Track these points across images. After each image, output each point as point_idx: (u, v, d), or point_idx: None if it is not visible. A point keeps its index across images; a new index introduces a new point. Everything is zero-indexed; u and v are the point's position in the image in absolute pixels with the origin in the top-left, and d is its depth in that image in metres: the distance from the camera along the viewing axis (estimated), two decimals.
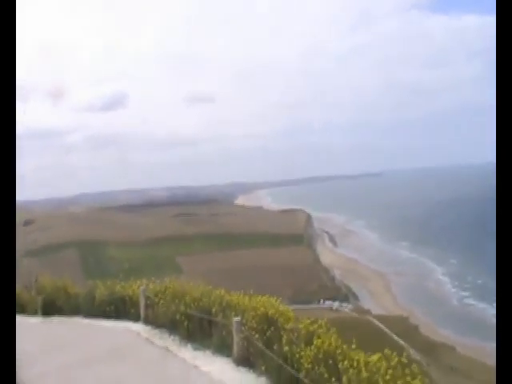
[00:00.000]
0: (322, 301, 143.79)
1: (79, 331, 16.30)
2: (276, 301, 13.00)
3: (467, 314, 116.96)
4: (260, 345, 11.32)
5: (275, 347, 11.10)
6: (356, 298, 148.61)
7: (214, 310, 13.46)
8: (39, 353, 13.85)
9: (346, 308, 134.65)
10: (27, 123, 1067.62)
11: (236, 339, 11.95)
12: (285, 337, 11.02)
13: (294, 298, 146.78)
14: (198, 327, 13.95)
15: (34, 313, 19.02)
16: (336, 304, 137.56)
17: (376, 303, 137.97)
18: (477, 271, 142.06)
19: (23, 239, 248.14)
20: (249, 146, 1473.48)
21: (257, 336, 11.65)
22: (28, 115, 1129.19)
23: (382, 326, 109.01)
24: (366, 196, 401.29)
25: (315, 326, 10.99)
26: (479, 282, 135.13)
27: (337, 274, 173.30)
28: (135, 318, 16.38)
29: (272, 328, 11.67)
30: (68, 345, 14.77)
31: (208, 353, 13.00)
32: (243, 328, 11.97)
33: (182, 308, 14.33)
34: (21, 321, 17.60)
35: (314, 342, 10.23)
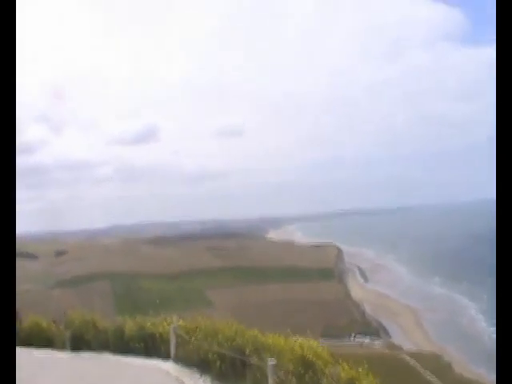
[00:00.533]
0: (352, 336, 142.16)
1: (108, 368, 15.67)
2: (313, 342, 12.56)
3: None
4: None
5: None
6: (387, 333, 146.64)
7: (247, 350, 12.86)
8: None
9: (377, 344, 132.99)
10: (60, 155, 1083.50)
11: (271, 383, 11.21)
12: (325, 382, 10.55)
13: (325, 333, 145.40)
14: (231, 368, 13.23)
15: (62, 347, 18.61)
16: (367, 339, 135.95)
17: (407, 339, 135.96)
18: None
19: (55, 269, 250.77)
20: (278, 180, 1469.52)
21: (294, 380, 11.11)
22: (61, 147, 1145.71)
23: (414, 362, 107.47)
24: (397, 230, 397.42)
25: (355, 371, 10.60)
26: None
27: (367, 308, 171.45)
28: (165, 356, 15.86)
29: (310, 372, 11.19)
30: (96, 381, 14.37)
31: None
32: (279, 371, 11.29)
33: (215, 347, 13.71)
34: (49, 355, 17.79)
35: None
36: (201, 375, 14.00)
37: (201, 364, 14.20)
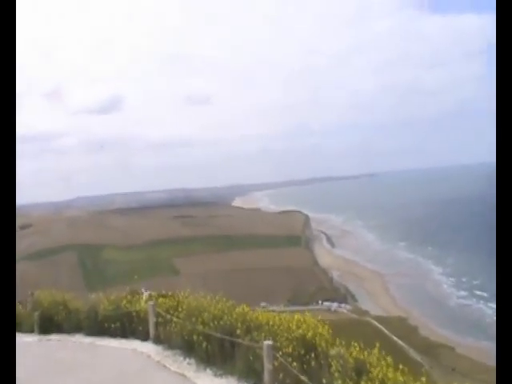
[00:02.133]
0: (320, 302, 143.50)
1: (81, 352, 14.50)
2: (312, 319, 11.51)
3: (465, 315, 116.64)
4: (303, 377, 9.41)
5: (324, 379, 9.26)
6: (354, 299, 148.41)
7: (237, 330, 11.73)
8: (34, 380, 12.19)
9: (345, 309, 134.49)
10: (23, 126, 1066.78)
11: (268, 366, 10.11)
12: (333, 366, 9.34)
13: (293, 299, 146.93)
14: (219, 350, 12.12)
15: (30, 330, 17.55)
16: (334, 305, 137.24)
17: (374, 304, 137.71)
18: (474, 271, 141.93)
19: (20, 243, 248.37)
20: (246, 147, 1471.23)
21: (294, 364, 9.87)
22: (24, 118, 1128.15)
23: (381, 326, 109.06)
24: (364, 197, 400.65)
25: (365, 353, 9.61)
26: (476, 282, 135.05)
27: (335, 275, 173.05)
28: (144, 337, 14.75)
29: (311, 353, 10.06)
30: (68, 369, 12.92)
31: (232, 380, 11.27)
32: (275, 353, 10.15)
33: (200, 327, 12.56)
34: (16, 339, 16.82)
35: (371, 374, 8.80)
36: (185, 358, 12.91)
37: (184, 346, 13.17)
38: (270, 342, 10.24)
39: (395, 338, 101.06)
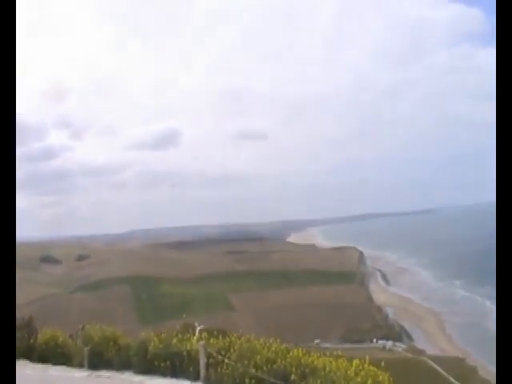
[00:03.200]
0: (374, 340, 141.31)
1: None
2: (371, 367, 10.79)
3: None
4: None
5: None
6: (410, 337, 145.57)
7: (292, 375, 11.22)
8: None
9: (400, 348, 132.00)
10: (81, 160, 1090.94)
11: None
12: None
13: (347, 336, 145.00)
14: None
15: (79, 365, 17.30)
16: (389, 343, 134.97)
17: (431, 343, 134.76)
18: None
19: (77, 273, 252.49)
20: (299, 182, 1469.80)
21: None
22: (82, 153, 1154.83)
23: (437, 367, 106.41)
24: (419, 233, 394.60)
25: None
26: None
27: (390, 312, 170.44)
28: (194, 378, 14.13)
29: None
30: None
31: None
32: None
33: (252, 370, 12.04)
34: (65, 374, 16.61)
35: None
36: None
37: None
38: None
39: (452, 380, 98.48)
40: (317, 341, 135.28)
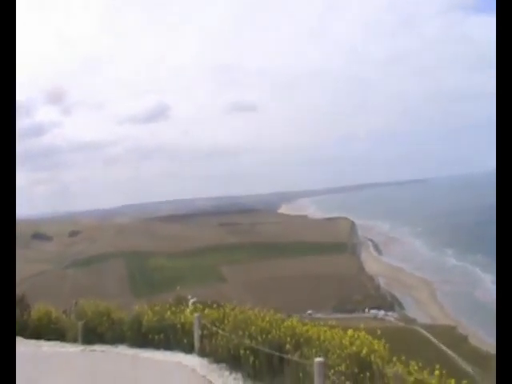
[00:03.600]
0: (366, 310, 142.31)
1: (124, 364, 14.12)
2: (366, 336, 10.64)
3: None
4: None
5: None
6: (401, 307, 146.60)
7: (287, 345, 11.25)
8: None
9: (392, 317, 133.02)
10: (70, 136, 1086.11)
11: None
12: None
13: (339, 307, 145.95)
14: (266, 365, 11.54)
15: (73, 340, 17.39)
16: (381, 313, 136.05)
17: (422, 312, 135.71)
18: None
19: (69, 250, 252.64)
20: (292, 155, 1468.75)
21: (348, 383, 9.37)
22: (72, 129, 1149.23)
23: (429, 335, 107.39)
24: (411, 203, 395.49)
25: (425, 373, 8.95)
26: None
27: (382, 282, 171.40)
28: (188, 350, 14.28)
29: (367, 373, 9.42)
30: (111, 382, 12.73)
31: None
32: (327, 371, 9.55)
33: (247, 341, 12.09)
34: (59, 349, 16.65)
35: None
36: (231, 373, 12.43)
37: (230, 360, 12.67)
38: (321, 359, 9.56)
39: (444, 348, 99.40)
40: (309, 311, 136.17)
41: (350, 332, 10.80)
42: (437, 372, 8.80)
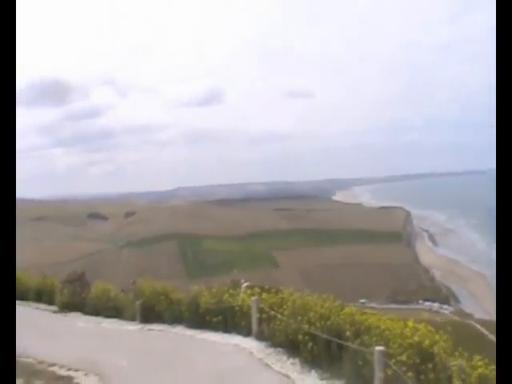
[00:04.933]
0: (420, 301, 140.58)
1: (182, 345, 14.25)
2: (426, 327, 10.02)
3: None
4: None
5: None
6: (457, 300, 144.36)
7: (346, 332, 10.94)
8: (134, 370, 12.04)
9: (447, 310, 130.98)
10: (125, 120, 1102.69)
11: (379, 374, 9.16)
12: (455, 380, 8.52)
13: (392, 296, 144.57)
14: (325, 351, 11.33)
15: (131, 318, 17.67)
16: (436, 305, 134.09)
17: (478, 307, 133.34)
18: None
19: (124, 230, 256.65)
20: (346, 141, 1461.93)
21: (409, 374, 8.94)
22: (126, 112, 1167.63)
23: (485, 331, 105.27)
24: (467, 194, 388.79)
25: (490, 367, 8.52)
26: None
27: (437, 274, 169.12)
28: (246, 333, 14.28)
29: (429, 364, 9.12)
30: (168, 362, 12.63)
31: None
32: (388, 360, 9.25)
33: (306, 326, 11.85)
34: (118, 327, 16.95)
35: None
36: (288, 357, 12.21)
37: (288, 345, 12.47)
38: (381, 348, 9.27)
39: None
40: (362, 300, 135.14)
41: (411, 323, 10.32)
42: None
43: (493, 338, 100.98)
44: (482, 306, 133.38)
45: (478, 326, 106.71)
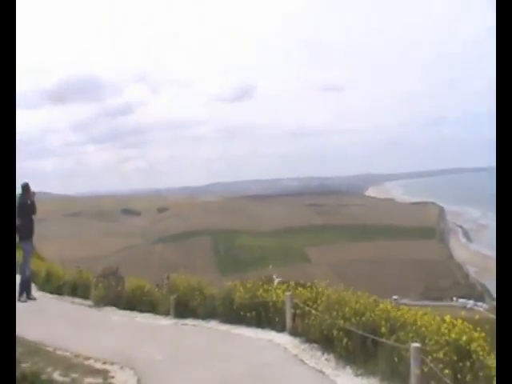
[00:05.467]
0: (454, 298, 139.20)
1: (216, 340, 14.20)
2: (463, 323, 9.66)
3: None
4: None
5: None
6: (492, 298, 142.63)
7: (382, 328, 10.71)
8: (168, 364, 11.99)
9: (482, 308, 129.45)
10: (158, 116, 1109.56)
11: (415, 371, 8.94)
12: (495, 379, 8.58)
13: (426, 293, 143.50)
14: (360, 347, 11.10)
15: (165, 313, 17.70)
16: (470, 303, 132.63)
17: None
18: None
19: (157, 226, 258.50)
20: (379, 136, 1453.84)
21: (446, 371, 8.68)
22: (158, 107, 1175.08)
23: None
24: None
25: None
26: None
27: (471, 271, 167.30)
28: (280, 328, 14.10)
29: (467, 362, 8.86)
30: (203, 357, 12.54)
31: (373, 381, 10.28)
32: (424, 357, 9.03)
33: (341, 322, 11.66)
34: (152, 321, 16.98)
35: None
36: (323, 353, 11.99)
37: (323, 340, 12.22)
38: (418, 345, 9.06)
39: None
40: (395, 297, 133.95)
41: (448, 318, 10.02)
42: None
43: None
44: None
45: None
